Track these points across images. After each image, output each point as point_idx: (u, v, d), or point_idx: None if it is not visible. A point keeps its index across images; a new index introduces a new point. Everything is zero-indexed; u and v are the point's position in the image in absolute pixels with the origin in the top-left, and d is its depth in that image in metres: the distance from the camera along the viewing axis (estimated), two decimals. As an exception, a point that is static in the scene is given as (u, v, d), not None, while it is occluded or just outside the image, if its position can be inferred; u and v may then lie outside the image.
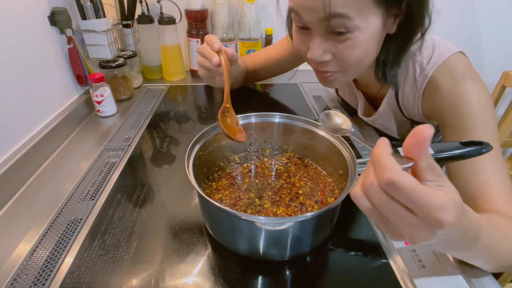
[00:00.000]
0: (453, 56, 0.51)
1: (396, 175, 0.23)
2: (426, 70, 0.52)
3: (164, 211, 0.49)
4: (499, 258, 0.36)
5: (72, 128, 0.72)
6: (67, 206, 0.49)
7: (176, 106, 0.86)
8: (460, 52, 0.53)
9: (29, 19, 0.65)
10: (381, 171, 0.24)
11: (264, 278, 0.39)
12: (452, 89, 0.49)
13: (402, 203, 0.24)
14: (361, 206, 0.27)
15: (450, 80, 0.50)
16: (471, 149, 0.38)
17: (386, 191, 0.24)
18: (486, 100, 0.48)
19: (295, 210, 0.45)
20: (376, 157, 0.25)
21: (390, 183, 0.23)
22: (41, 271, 0.39)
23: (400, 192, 0.23)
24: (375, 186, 0.24)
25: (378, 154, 0.24)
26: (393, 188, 0.23)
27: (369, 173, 0.26)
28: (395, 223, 0.25)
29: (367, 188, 0.25)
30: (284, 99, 0.93)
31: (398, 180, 0.23)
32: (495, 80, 1.21)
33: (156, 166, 0.61)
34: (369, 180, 0.25)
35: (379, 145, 0.25)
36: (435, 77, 0.51)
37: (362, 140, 0.37)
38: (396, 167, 0.23)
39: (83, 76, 0.80)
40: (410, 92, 0.56)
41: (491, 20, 1.21)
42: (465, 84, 0.48)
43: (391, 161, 0.23)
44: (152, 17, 0.96)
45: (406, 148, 0.25)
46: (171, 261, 0.41)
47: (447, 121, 0.50)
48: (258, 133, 0.56)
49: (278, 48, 0.81)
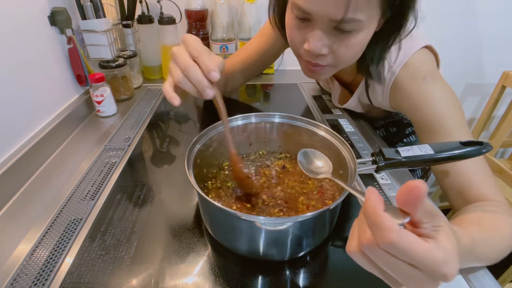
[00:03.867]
0: (416, 55, 0.53)
1: (396, 236, 0.22)
2: (393, 68, 0.54)
3: (164, 211, 0.49)
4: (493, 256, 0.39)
5: (72, 128, 0.72)
6: (67, 206, 0.49)
7: (176, 106, 0.85)
8: (425, 47, 0.55)
9: (29, 19, 0.65)
10: (380, 233, 0.23)
11: (264, 278, 0.39)
12: (414, 90, 0.53)
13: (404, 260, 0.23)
14: (361, 264, 0.26)
15: (412, 81, 0.53)
16: (471, 149, 0.38)
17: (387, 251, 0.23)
18: (448, 95, 0.51)
19: (295, 210, 0.45)
20: (371, 217, 0.23)
21: (391, 245, 0.22)
22: (41, 271, 0.39)
23: (402, 252, 0.22)
24: (375, 247, 0.23)
25: (373, 213, 0.23)
26: (395, 249, 0.23)
27: (365, 231, 0.24)
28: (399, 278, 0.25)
29: (367, 249, 0.24)
30: (284, 99, 0.93)
31: (398, 241, 0.22)
32: (495, 80, 1.21)
33: (156, 166, 0.61)
34: (366, 240, 0.24)
35: (371, 201, 0.24)
36: (399, 77, 0.54)
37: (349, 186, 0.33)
38: (394, 227, 0.22)
39: (83, 76, 0.79)
40: (378, 88, 0.59)
41: (491, 20, 1.21)
42: (426, 85, 0.52)
43: (389, 221, 0.22)
44: (152, 17, 0.96)
45: (401, 203, 0.24)
46: (171, 261, 0.41)
47: (417, 119, 0.53)
48: (258, 133, 0.56)
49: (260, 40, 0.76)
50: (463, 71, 1.30)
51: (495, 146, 1.28)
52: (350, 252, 0.26)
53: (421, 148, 0.39)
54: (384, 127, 0.84)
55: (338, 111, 0.82)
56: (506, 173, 1.17)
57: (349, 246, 0.27)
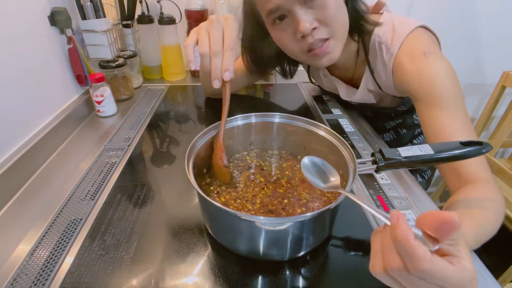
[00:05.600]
0: (411, 35, 0.56)
1: (430, 265, 0.23)
2: (391, 49, 0.57)
3: (164, 211, 0.49)
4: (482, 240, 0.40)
5: (72, 128, 0.72)
6: (67, 206, 0.49)
7: (176, 106, 0.86)
8: (420, 26, 0.57)
9: (29, 19, 0.65)
10: (414, 262, 0.23)
11: (264, 278, 0.39)
12: (415, 68, 0.54)
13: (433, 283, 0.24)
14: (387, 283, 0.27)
15: (411, 59, 0.55)
16: (471, 149, 0.38)
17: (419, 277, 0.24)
18: (449, 70, 0.52)
19: (294, 210, 0.45)
20: (403, 246, 0.23)
21: (424, 273, 0.23)
22: (41, 271, 0.39)
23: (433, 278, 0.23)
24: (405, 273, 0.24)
25: (405, 242, 0.23)
26: (427, 276, 0.23)
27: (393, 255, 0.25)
28: None
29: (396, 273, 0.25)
30: (284, 99, 0.93)
31: (432, 269, 0.23)
32: (495, 80, 1.22)
33: (156, 166, 0.61)
34: (396, 265, 0.24)
35: (401, 229, 0.24)
36: (399, 57, 0.56)
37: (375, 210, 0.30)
38: (428, 257, 0.23)
39: (83, 76, 0.80)
40: (381, 72, 0.61)
41: (491, 20, 1.21)
42: (425, 61, 0.53)
43: (422, 251, 0.23)
44: (152, 17, 0.96)
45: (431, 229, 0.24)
46: (171, 261, 0.41)
47: (418, 96, 0.54)
48: (258, 133, 0.56)
49: None
50: (463, 71, 1.30)
51: (495, 146, 1.28)
52: (375, 273, 0.27)
53: (421, 148, 0.39)
54: (393, 130, 0.84)
55: (338, 111, 0.82)
56: (506, 173, 1.17)
57: (374, 267, 0.27)
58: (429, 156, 0.39)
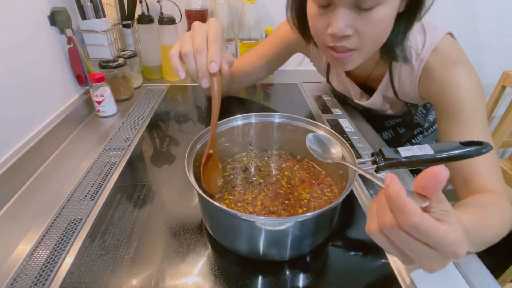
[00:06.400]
0: (443, 41, 0.54)
1: (419, 220, 0.24)
2: (421, 55, 0.55)
3: (164, 211, 0.49)
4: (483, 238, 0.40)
5: (72, 128, 0.72)
6: (67, 206, 0.49)
7: (176, 106, 0.86)
8: (448, 33, 0.56)
9: (29, 19, 0.65)
10: (404, 216, 0.24)
11: (264, 278, 0.39)
12: (444, 75, 0.53)
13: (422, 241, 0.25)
14: (380, 244, 0.29)
15: (442, 66, 0.53)
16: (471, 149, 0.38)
17: (408, 233, 0.25)
18: (475, 83, 0.51)
19: (295, 210, 0.45)
20: (395, 201, 0.25)
21: (414, 227, 0.24)
22: (41, 271, 0.39)
23: (423, 234, 0.25)
24: (396, 229, 0.26)
25: (397, 198, 0.25)
26: (416, 231, 0.25)
27: (386, 214, 0.26)
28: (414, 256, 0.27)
29: (389, 230, 0.26)
30: (284, 99, 0.93)
31: (421, 223, 0.24)
32: (495, 80, 1.21)
33: (156, 166, 0.61)
34: (389, 222, 0.26)
35: (394, 186, 0.25)
36: (429, 63, 0.55)
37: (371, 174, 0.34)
38: (418, 211, 0.24)
39: (83, 76, 0.80)
40: (406, 77, 0.59)
41: (491, 20, 1.21)
42: (455, 70, 0.52)
43: (413, 205, 0.24)
44: (152, 17, 0.96)
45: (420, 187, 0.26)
46: (171, 261, 0.41)
47: (441, 104, 0.54)
48: (258, 133, 0.56)
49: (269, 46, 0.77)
50: (463, 71, 1.30)
51: (495, 146, 1.28)
52: (370, 232, 0.29)
53: (421, 148, 0.39)
54: (392, 128, 0.84)
55: (338, 111, 0.82)
56: (506, 173, 1.17)
57: (369, 227, 0.29)
58: (429, 156, 0.39)
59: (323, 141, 0.46)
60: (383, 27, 0.48)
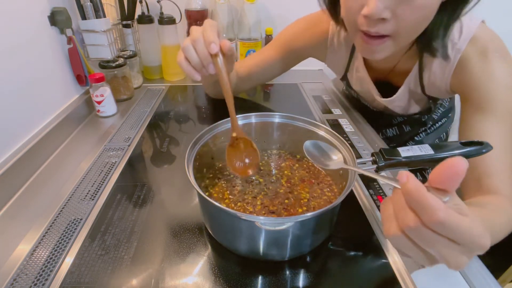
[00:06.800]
0: (480, 30, 0.51)
1: (445, 215, 0.23)
2: (458, 45, 0.51)
3: (164, 211, 0.49)
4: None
5: (72, 128, 0.72)
6: (67, 206, 0.49)
7: (176, 106, 0.86)
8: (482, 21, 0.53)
9: (29, 20, 0.65)
10: (428, 213, 0.23)
11: (264, 278, 0.39)
12: (481, 65, 0.49)
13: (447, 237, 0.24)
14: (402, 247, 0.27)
15: (480, 56, 0.50)
16: (471, 149, 0.38)
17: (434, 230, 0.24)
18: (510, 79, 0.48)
19: (295, 210, 0.45)
20: (417, 198, 0.23)
21: (440, 223, 0.23)
22: (41, 271, 0.39)
23: (448, 229, 0.23)
24: (421, 227, 0.24)
25: (418, 195, 0.23)
26: (442, 227, 0.23)
27: (407, 213, 0.25)
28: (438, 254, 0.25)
29: (412, 230, 0.25)
30: (284, 99, 0.93)
31: (447, 219, 0.23)
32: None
33: (156, 166, 0.61)
34: (412, 221, 0.24)
35: (413, 183, 0.24)
36: (466, 53, 0.51)
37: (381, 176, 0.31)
38: (442, 206, 0.23)
39: (83, 76, 0.80)
40: (438, 68, 0.55)
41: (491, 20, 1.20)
42: (494, 61, 0.49)
43: (436, 200, 0.23)
44: (152, 17, 0.96)
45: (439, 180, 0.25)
46: (171, 261, 0.41)
47: (471, 96, 0.50)
48: (258, 133, 0.56)
49: (272, 50, 0.76)
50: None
51: None
52: (391, 236, 0.26)
53: (421, 148, 0.39)
54: (398, 125, 0.83)
55: (338, 111, 0.82)
56: None
57: (388, 230, 0.27)
58: (429, 156, 0.39)
59: (322, 148, 0.45)
60: (426, 14, 0.43)
